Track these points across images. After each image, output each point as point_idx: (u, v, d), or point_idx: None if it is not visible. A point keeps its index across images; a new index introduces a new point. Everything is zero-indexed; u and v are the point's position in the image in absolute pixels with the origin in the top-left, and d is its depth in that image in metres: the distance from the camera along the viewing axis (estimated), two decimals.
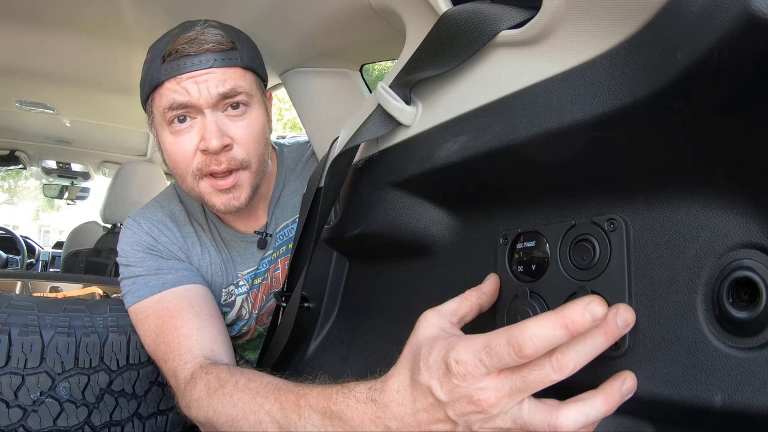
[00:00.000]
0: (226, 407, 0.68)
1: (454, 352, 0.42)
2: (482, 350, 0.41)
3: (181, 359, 0.82)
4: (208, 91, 0.83)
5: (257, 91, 0.91)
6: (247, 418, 0.64)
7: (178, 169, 0.90)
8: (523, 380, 0.40)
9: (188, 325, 0.86)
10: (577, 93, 0.40)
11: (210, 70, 0.83)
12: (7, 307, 0.89)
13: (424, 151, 0.59)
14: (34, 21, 1.35)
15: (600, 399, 0.40)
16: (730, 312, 0.36)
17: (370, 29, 0.88)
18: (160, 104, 0.86)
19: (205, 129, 0.85)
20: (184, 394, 0.78)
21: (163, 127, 0.88)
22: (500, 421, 0.42)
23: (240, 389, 0.68)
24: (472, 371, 0.41)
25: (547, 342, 0.38)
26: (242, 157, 0.88)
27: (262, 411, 0.62)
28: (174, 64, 0.83)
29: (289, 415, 0.58)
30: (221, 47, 0.85)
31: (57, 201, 4.73)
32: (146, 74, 0.88)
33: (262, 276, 1.07)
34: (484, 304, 0.52)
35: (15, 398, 0.86)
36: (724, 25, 0.29)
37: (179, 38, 0.84)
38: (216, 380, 0.73)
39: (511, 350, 0.39)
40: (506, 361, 0.40)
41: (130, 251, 0.96)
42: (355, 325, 0.85)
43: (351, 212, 0.77)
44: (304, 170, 1.10)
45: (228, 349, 0.88)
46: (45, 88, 2.01)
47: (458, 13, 0.51)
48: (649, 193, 0.42)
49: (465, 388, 0.42)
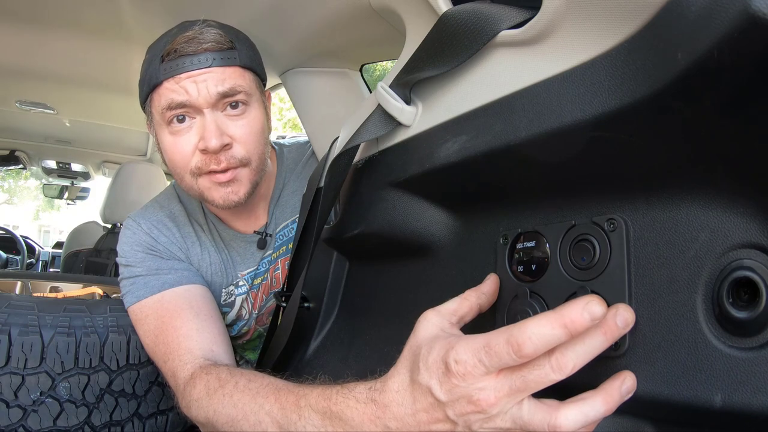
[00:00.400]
0: (226, 407, 0.68)
1: (453, 352, 0.42)
2: (481, 350, 0.41)
3: (181, 360, 0.82)
4: (207, 91, 0.83)
5: (256, 90, 0.91)
6: (247, 418, 0.64)
7: (177, 168, 0.90)
8: (522, 380, 0.40)
9: (188, 326, 0.86)
10: (577, 93, 0.40)
11: (209, 69, 0.83)
12: (7, 307, 0.89)
13: (424, 151, 0.59)
14: (34, 21, 1.35)
15: (600, 399, 0.40)
16: (730, 312, 0.36)
17: (370, 29, 0.88)
18: (159, 104, 0.86)
19: (204, 128, 0.84)
20: (183, 394, 0.78)
21: (162, 127, 0.88)
22: (500, 421, 0.42)
23: (240, 390, 0.68)
24: (472, 371, 0.41)
25: (546, 341, 0.38)
26: (242, 156, 0.88)
27: (262, 411, 0.62)
28: (173, 64, 0.83)
29: (289, 415, 0.58)
30: (220, 46, 0.85)
31: (57, 201, 4.73)
32: (145, 74, 0.88)
33: (261, 276, 1.07)
34: (484, 304, 0.52)
35: (15, 398, 0.86)
36: (724, 25, 0.29)
37: (178, 38, 0.84)
38: (216, 381, 0.73)
39: (510, 350, 0.39)
40: (505, 361, 0.40)
41: (130, 251, 0.96)
42: (355, 325, 0.85)
43: (351, 212, 0.77)
44: (304, 170, 1.10)
45: (227, 349, 0.88)
46: (45, 88, 2.01)
47: (458, 13, 0.51)
48: (649, 193, 0.42)
49: (464, 388, 0.42)
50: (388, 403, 0.48)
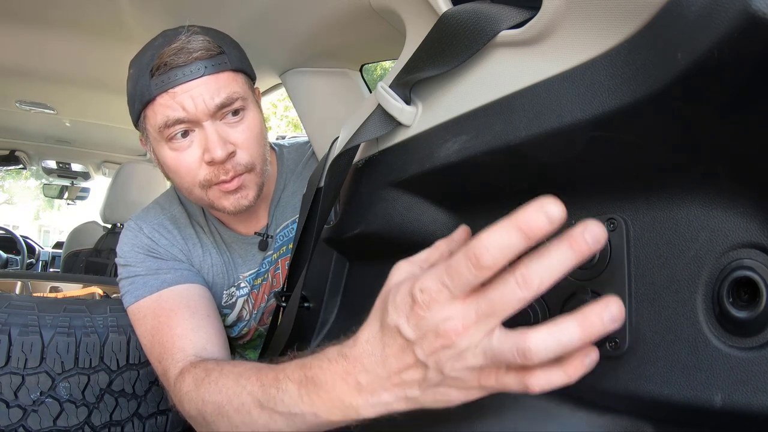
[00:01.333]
0: (213, 395, 0.67)
1: (418, 283, 0.41)
2: (443, 272, 0.39)
3: (173, 358, 0.81)
4: (204, 104, 0.82)
5: (249, 92, 0.90)
6: (231, 402, 0.63)
7: (184, 183, 0.89)
8: (488, 302, 0.38)
9: (183, 326, 0.85)
10: (577, 93, 0.40)
11: (201, 79, 0.82)
12: (7, 307, 0.89)
13: (424, 151, 0.59)
14: (35, 21, 1.36)
15: (574, 322, 0.37)
16: (730, 312, 0.36)
17: (370, 29, 0.88)
18: (155, 122, 0.84)
19: (207, 140, 0.83)
20: (175, 391, 0.77)
21: (160, 143, 0.87)
22: (471, 356, 0.40)
23: (225, 375, 0.67)
24: (436, 297, 0.40)
25: (504, 248, 0.36)
26: (246, 161, 0.88)
27: (244, 393, 0.61)
28: (164, 78, 0.81)
29: (268, 391, 0.57)
30: (210, 53, 0.83)
31: (57, 201, 4.73)
32: (134, 90, 0.86)
33: (262, 276, 1.07)
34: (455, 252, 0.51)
35: (15, 398, 0.86)
36: (724, 24, 0.29)
37: (165, 50, 0.82)
38: (203, 371, 0.72)
39: (469, 264, 0.37)
40: (467, 278, 0.38)
41: (130, 252, 0.96)
42: (355, 325, 0.85)
43: (351, 212, 0.77)
44: (304, 171, 1.10)
45: (222, 348, 0.87)
46: (45, 88, 2.01)
47: (458, 13, 0.51)
48: (649, 193, 0.42)
49: (431, 319, 0.40)
50: (358, 355, 0.47)
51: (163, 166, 0.91)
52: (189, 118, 0.82)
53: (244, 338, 1.15)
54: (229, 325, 1.10)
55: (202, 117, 0.83)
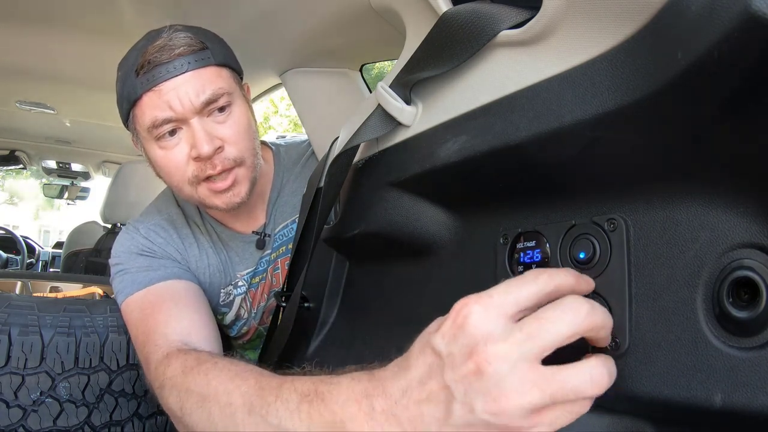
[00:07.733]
0: (200, 385, 0.63)
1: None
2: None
3: (155, 344, 0.79)
4: (190, 102, 0.82)
5: (236, 87, 0.90)
6: (218, 398, 0.58)
7: (174, 180, 0.89)
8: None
9: (166, 314, 0.84)
10: (578, 93, 0.40)
11: (186, 75, 0.82)
12: (7, 307, 0.89)
13: (424, 151, 0.59)
14: (35, 21, 1.36)
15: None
16: (730, 312, 0.36)
17: (370, 29, 0.88)
18: (143, 122, 0.85)
19: (194, 137, 0.84)
20: (156, 375, 0.74)
21: (150, 142, 0.87)
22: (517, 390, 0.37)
23: (219, 368, 0.63)
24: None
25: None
26: (235, 155, 0.88)
27: (237, 392, 0.57)
28: (149, 76, 0.82)
29: (266, 396, 0.53)
30: (192, 49, 0.83)
31: (57, 201, 4.73)
32: (122, 91, 0.86)
33: (260, 275, 1.07)
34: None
35: (15, 398, 0.86)
36: (724, 24, 0.29)
37: (148, 48, 0.82)
38: (194, 360, 0.69)
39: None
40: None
41: (123, 252, 0.96)
42: (355, 325, 0.85)
43: (351, 212, 0.77)
44: (304, 170, 1.10)
45: (211, 341, 0.84)
46: (45, 88, 2.01)
47: (458, 13, 0.51)
48: (649, 193, 0.42)
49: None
50: (383, 377, 0.43)
51: (153, 164, 0.92)
52: (176, 117, 0.83)
53: (244, 338, 1.15)
54: (228, 324, 1.10)
55: (189, 115, 0.83)
